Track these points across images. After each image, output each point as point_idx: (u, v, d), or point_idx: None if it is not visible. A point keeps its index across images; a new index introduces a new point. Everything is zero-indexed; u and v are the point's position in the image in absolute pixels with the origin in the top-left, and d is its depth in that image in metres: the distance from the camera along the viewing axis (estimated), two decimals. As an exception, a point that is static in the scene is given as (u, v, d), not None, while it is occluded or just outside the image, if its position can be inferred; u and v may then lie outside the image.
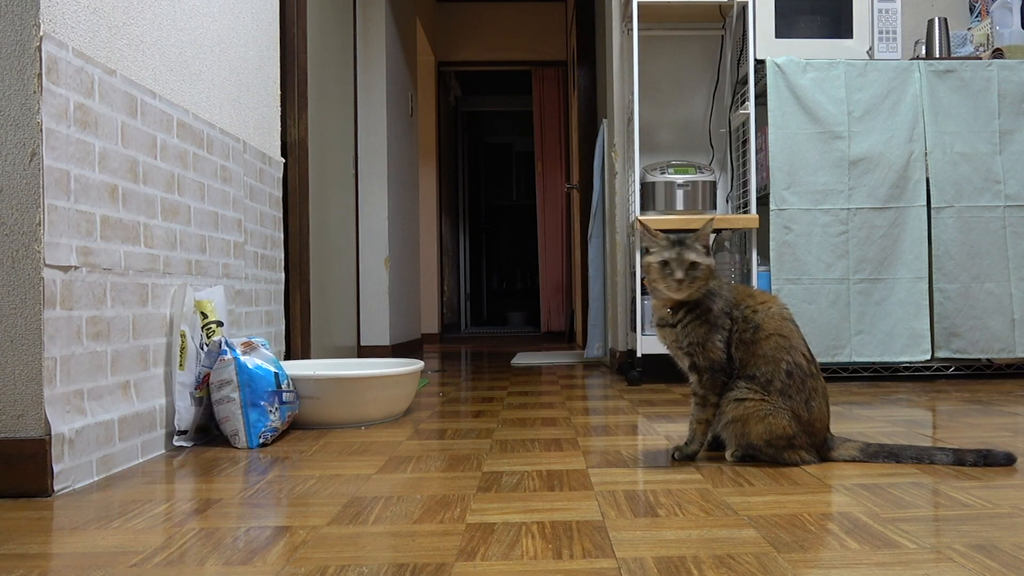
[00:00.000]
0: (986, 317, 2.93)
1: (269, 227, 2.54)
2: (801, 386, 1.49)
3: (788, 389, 1.48)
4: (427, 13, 6.11)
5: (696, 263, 1.49)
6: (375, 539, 1.08)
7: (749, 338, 1.51)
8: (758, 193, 3.09)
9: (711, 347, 1.51)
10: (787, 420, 1.47)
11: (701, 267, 1.49)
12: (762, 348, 1.50)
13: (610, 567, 0.95)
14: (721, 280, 1.56)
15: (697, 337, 1.52)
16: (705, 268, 1.50)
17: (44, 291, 1.36)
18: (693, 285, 1.50)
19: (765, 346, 1.50)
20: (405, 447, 1.76)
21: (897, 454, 1.50)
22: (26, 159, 1.35)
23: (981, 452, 1.46)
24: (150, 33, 1.76)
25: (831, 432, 1.54)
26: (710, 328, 1.51)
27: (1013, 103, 2.95)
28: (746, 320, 1.52)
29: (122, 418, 1.58)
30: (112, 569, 0.97)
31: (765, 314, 1.53)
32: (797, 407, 1.48)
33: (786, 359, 1.49)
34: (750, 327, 1.52)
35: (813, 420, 1.50)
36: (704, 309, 1.52)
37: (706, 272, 1.50)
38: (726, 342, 1.52)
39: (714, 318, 1.52)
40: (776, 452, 1.50)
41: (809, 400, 1.49)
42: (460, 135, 8.24)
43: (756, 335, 1.51)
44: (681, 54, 3.45)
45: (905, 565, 0.94)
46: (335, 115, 3.64)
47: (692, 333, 1.52)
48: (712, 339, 1.51)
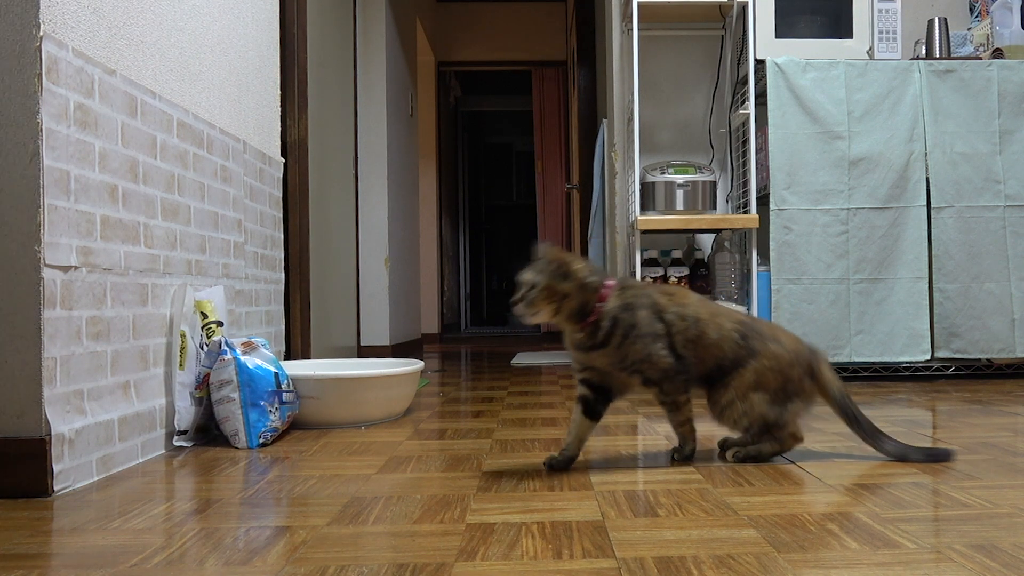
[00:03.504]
0: (986, 317, 2.92)
1: (269, 227, 2.54)
2: (759, 335, 1.50)
3: (752, 344, 1.49)
4: (427, 13, 6.11)
5: (533, 284, 1.43)
6: (375, 539, 1.08)
7: (695, 335, 1.48)
8: (758, 193, 3.09)
9: (657, 357, 1.46)
10: (772, 368, 1.48)
11: (537, 287, 1.43)
12: (709, 338, 1.49)
13: (610, 567, 0.95)
14: (634, 289, 1.50)
15: (639, 354, 1.46)
16: (543, 290, 1.43)
17: (44, 291, 1.36)
18: (533, 308, 1.44)
19: (711, 334, 1.49)
20: (405, 447, 1.76)
21: (858, 420, 1.51)
22: (26, 159, 1.35)
23: (925, 450, 1.52)
24: (150, 33, 1.76)
25: (812, 351, 1.54)
26: (648, 340, 1.46)
27: (1013, 103, 2.95)
28: (683, 319, 1.49)
29: (122, 418, 1.58)
30: (112, 569, 0.97)
31: (694, 306, 1.51)
32: (771, 350, 1.49)
33: (730, 326, 1.50)
34: (690, 323, 1.49)
35: (790, 350, 1.50)
36: (628, 326, 1.46)
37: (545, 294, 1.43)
38: (669, 345, 1.48)
39: (644, 329, 1.46)
40: (781, 411, 1.49)
41: (775, 336, 1.51)
42: (460, 135, 8.23)
43: (700, 328, 1.49)
44: (681, 54, 3.45)
45: (905, 565, 0.94)
46: (335, 115, 3.64)
47: (631, 352, 1.46)
48: (654, 349, 1.46)
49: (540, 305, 1.44)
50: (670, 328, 1.48)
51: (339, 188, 3.71)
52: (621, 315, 1.46)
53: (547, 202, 7.34)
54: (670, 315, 1.48)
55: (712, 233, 3.31)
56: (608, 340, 1.46)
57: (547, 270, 1.44)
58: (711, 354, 1.49)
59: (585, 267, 1.46)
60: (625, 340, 1.46)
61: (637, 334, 1.46)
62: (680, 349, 1.48)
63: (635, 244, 3.05)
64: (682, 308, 1.49)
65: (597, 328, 1.46)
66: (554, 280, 1.44)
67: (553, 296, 1.44)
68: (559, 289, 1.44)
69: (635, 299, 1.48)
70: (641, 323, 1.46)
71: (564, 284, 1.44)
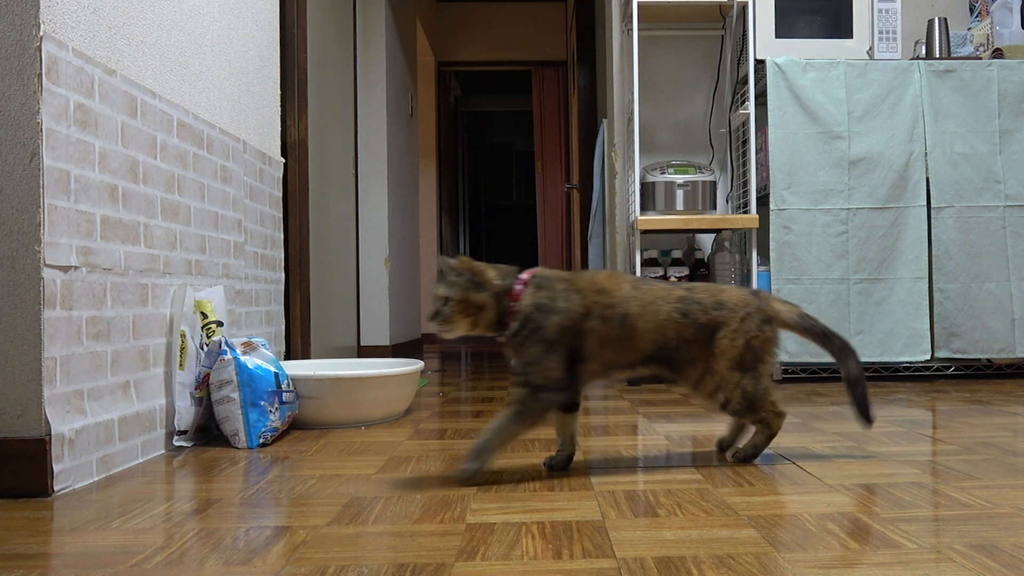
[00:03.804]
0: (986, 317, 2.92)
1: (269, 227, 2.54)
2: (701, 306, 1.45)
3: (698, 318, 1.44)
4: (427, 13, 6.11)
5: (447, 298, 1.39)
6: (375, 539, 1.08)
7: (618, 335, 1.42)
8: (758, 193, 3.09)
9: (548, 365, 1.39)
10: (730, 335, 1.44)
11: (452, 302, 1.39)
12: (640, 331, 1.43)
13: (610, 567, 0.95)
14: (550, 290, 1.42)
15: (531, 356, 1.39)
16: (457, 304, 1.39)
17: (44, 291, 1.36)
18: (449, 324, 1.40)
19: (643, 326, 1.43)
20: (405, 447, 1.76)
21: (828, 336, 1.50)
22: (26, 159, 1.35)
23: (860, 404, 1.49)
24: (150, 33, 1.76)
25: (755, 292, 1.52)
26: (546, 346, 1.39)
27: (1013, 103, 2.95)
28: (607, 320, 1.41)
29: (122, 418, 1.58)
30: (112, 569, 0.97)
31: (623, 303, 1.43)
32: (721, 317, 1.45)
33: (668, 308, 1.44)
34: (615, 323, 1.42)
35: (739, 305, 1.47)
36: (535, 327, 1.39)
37: (459, 308, 1.39)
38: (568, 357, 1.40)
39: (549, 335, 1.39)
40: (756, 380, 1.46)
41: (719, 300, 1.46)
42: (460, 135, 8.23)
43: (628, 324, 1.42)
44: (681, 54, 3.45)
45: (905, 565, 0.94)
46: (335, 115, 3.64)
47: (526, 352, 1.40)
48: (548, 357, 1.39)
49: (456, 320, 1.40)
50: (585, 335, 1.41)
51: (339, 188, 3.71)
52: (533, 315, 1.40)
53: (547, 202, 7.33)
54: (592, 321, 1.41)
55: (712, 233, 3.31)
56: (514, 339, 1.41)
57: (459, 282, 1.39)
58: (648, 342, 1.44)
59: (497, 273, 1.42)
60: (527, 339, 1.40)
61: (539, 337, 1.39)
62: (594, 352, 1.41)
63: (635, 244, 3.05)
64: (610, 308, 1.42)
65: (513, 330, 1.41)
66: (468, 292, 1.39)
67: (468, 309, 1.40)
68: (474, 301, 1.39)
69: (550, 301, 1.40)
70: (547, 327, 1.39)
71: (478, 295, 1.40)
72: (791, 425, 1.97)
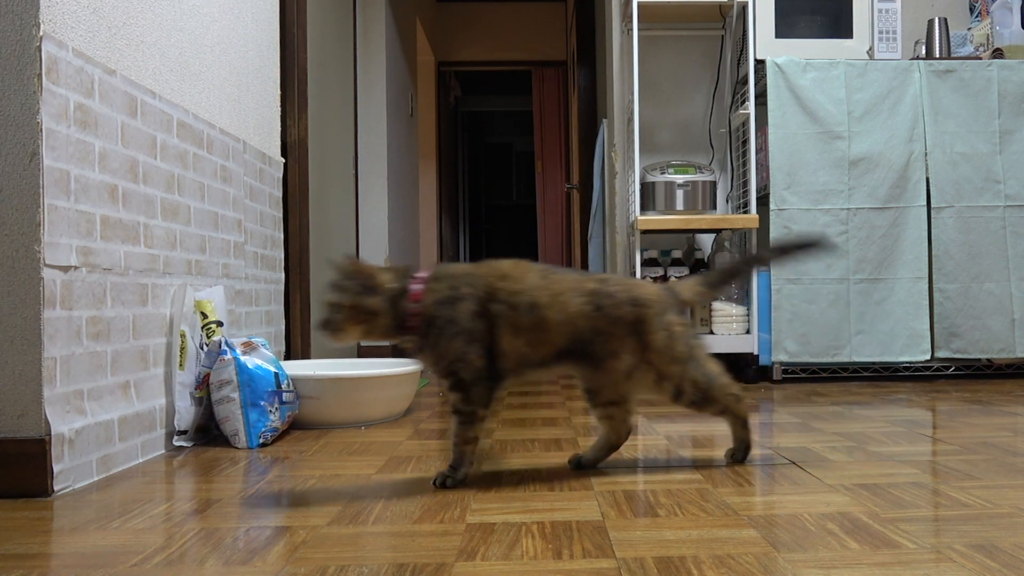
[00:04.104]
0: (986, 317, 2.93)
1: (269, 227, 2.54)
2: (612, 299, 1.38)
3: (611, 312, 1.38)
4: (427, 13, 6.11)
5: (338, 305, 1.31)
6: (375, 539, 1.08)
7: (530, 323, 1.34)
8: (758, 193, 3.09)
9: (472, 357, 1.32)
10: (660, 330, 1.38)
11: (342, 309, 1.31)
12: (551, 321, 1.35)
13: (610, 567, 0.95)
14: (451, 279, 1.35)
15: (455, 352, 1.32)
16: (348, 310, 1.30)
17: (44, 291, 1.36)
18: (340, 333, 1.32)
19: (553, 316, 1.35)
20: (405, 447, 1.76)
21: (738, 269, 1.51)
22: (26, 159, 1.35)
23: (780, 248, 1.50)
24: (150, 33, 1.76)
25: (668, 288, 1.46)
26: (466, 339, 1.32)
27: (1013, 103, 2.95)
28: (515, 307, 1.34)
29: (122, 418, 1.58)
30: (112, 569, 0.97)
31: (531, 290, 1.35)
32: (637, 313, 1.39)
33: (578, 301, 1.36)
34: (522, 311, 1.34)
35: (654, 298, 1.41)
36: (446, 320, 1.32)
37: (350, 315, 1.31)
38: (489, 342, 1.34)
39: (461, 326, 1.32)
40: (700, 364, 1.41)
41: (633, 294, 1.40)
42: (460, 135, 8.23)
43: (537, 315, 1.34)
44: (681, 54, 3.45)
45: (905, 565, 0.94)
46: (335, 115, 3.64)
47: (447, 349, 1.32)
48: (470, 349, 1.32)
49: (347, 328, 1.32)
50: (495, 321, 1.33)
51: (339, 188, 3.71)
52: (437, 312, 1.32)
53: (547, 202, 7.33)
54: (498, 305, 1.34)
55: (712, 233, 3.31)
56: (426, 342, 1.34)
57: (350, 288, 1.31)
58: (560, 334, 1.36)
59: (391, 275, 1.34)
60: (441, 337, 1.32)
61: (455, 330, 1.32)
62: (509, 343, 1.34)
63: (635, 244, 3.05)
64: (515, 295, 1.34)
65: (418, 332, 1.34)
66: (359, 298, 1.31)
67: (360, 315, 1.31)
68: (366, 306, 1.31)
69: (453, 291, 1.33)
70: (459, 318, 1.32)
71: (371, 300, 1.31)
72: (791, 425, 1.97)
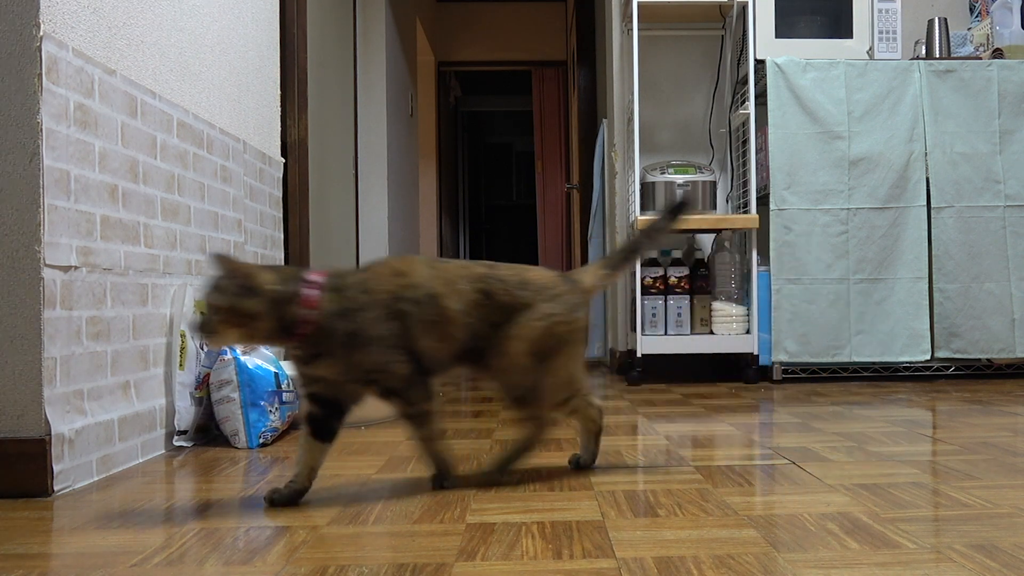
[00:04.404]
0: (986, 317, 2.93)
1: (269, 227, 2.54)
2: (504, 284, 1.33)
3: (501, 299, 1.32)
4: (427, 13, 6.11)
5: (215, 307, 1.21)
6: (375, 539, 1.08)
7: (435, 315, 1.29)
8: (758, 193, 3.09)
9: (395, 365, 1.27)
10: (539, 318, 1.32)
11: (219, 312, 1.21)
12: (453, 310, 1.30)
13: (610, 567, 0.95)
14: (352, 289, 1.27)
15: (371, 363, 1.26)
16: (224, 313, 1.20)
17: (44, 291, 1.36)
18: (217, 337, 1.22)
19: (454, 305, 1.30)
20: (405, 447, 1.76)
21: (635, 248, 1.46)
22: (26, 159, 1.35)
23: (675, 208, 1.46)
24: (150, 33, 1.76)
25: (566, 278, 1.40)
26: (382, 347, 1.25)
27: (1013, 103, 2.95)
28: (418, 302, 1.28)
29: (122, 418, 1.58)
30: (112, 569, 0.97)
31: (428, 283, 1.29)
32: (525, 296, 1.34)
33: (469, 288, 1.31)
34: (425, 304, 1.28)
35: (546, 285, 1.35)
36: (349, 333, 1.24)
37: (227, 318, 1.21)
38: (408, 340, 1.27)
39: (372, 332, 1.25)
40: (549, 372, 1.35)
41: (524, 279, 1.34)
42: (460, 135, 8.23)
43: (439, 305, 1.29)
44: (681, 54, 3.45)
45: (905, 565, 0.94)
46: (335, 115, 3.64)
47: (362, 362, 1.25)
48: (389, 357, 1.26)
49: (224, 332, 1.22)
50: (406, 320, 1.27)
51: (339, 188, 3.71)
52: (336, 324, 1.24)
53: (547, 202, 7.33)
54: (404, 304, 1.27)
55: (712, 233, 3.31)
56: (329, 351, 1.25)
57: (228, 289, 1.21)
58: (462, 328, 1.30)
59: (275, 276, 1.24)
60: (351, 349, 1.25)
61: (364, 340, 1.25)
62: (421, 341, 1.28)
63: (635, 244, 3.05)
64: (414, 290, 1.28)
65: (312, 339, 1.25)
66: (237, 300, 1.21)
67: (238, 319, 1.21)
68: (244, 309, 1.21)
69: (355, 300, 1.26)
70: (367, 327, 1.25)
71: (249, 303, 1.21)
72: (791, 425, 1.97)
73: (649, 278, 3.09)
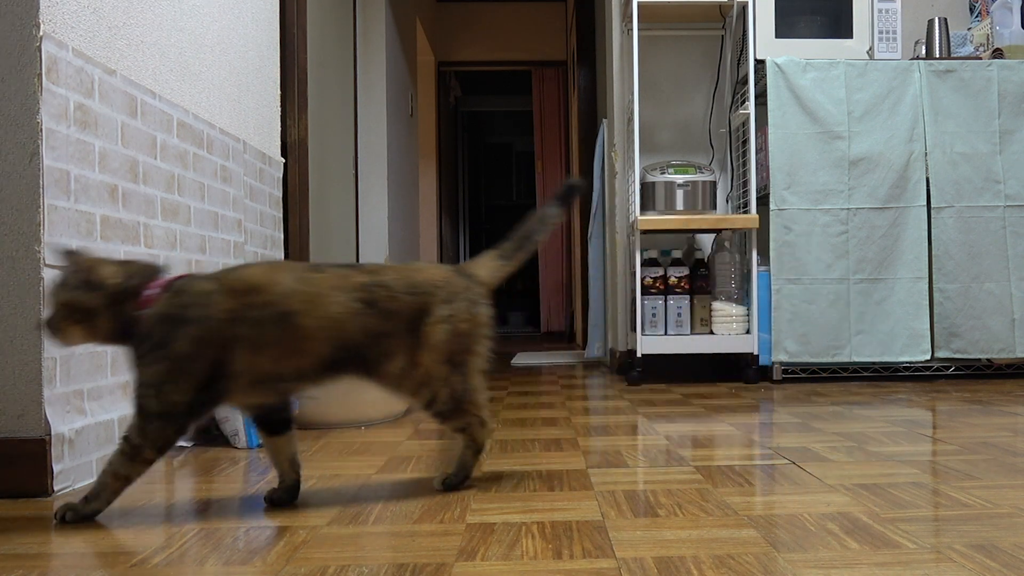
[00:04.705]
0: (986, 317, 2.93)
1: (269, 227, 2.54)
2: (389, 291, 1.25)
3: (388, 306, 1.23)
4: (427, 13, 6.11)
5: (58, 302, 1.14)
6: (375, 539, 1.08)
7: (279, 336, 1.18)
8: (758, 193, 3.09)
9: (170, 390, 1.14)
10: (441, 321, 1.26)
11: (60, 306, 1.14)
12: (308, 329, 1.19)
13: (610, 567, 0.95)
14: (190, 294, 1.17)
15: (150, 376, 1.14)
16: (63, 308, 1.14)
17: (44, 291, 1.36)
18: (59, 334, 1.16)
19: (311, 324, 1.19)
20: (405, 447, 1.76)
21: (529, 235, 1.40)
22: (26, 159, 1.35)
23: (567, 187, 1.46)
24: (150, 33, 1.76)
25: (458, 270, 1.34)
26: (172, 366, 1.14)
27: (1013, 103, 2.95)
28: (258, 323, 1.17)
29: (122, 418, 1.58)
30: (112, 569, 0.97)
31: (284, 300, 1.18)
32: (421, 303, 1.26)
33: (344, 299, 1.21)
34: (269, 323, 1.17)
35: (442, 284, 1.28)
36: (159, 342, 1.14)
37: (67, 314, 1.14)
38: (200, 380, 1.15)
39: (177, 351, 1.14)
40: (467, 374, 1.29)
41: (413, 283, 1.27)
42: (460, 135, 8.23)
43: (291, 323, 1.18)
44: (681, 54, 3.45)
45: (905, 565, 0.94)
46: (335, 115, 3.64)
47: (145, 371, 1.15)
48: (173, 380, 1.14)
49: (68, 329, 1.15)
50: (228, 344, 1.16)
51: (339, 188, 3.71)
52: (157, 327, 1.14)
53: (547, 202, 7.32)
54: (238, 327, 1.16)
55: (712, 233, 3.31)
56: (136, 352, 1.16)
57: (70, 283, 1.14)
58: (324, 343, 1.20)
59: (118, 271, 1.16)
60: (147, 356, 1.14)
61: (164, 355, 1.14)
62: (241, 363, 1.17)
63: (635, 244, 3.05)
64: (261, 309, 1.17)
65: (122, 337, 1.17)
66: (76, 294, 1.13)
67: (78, 315, 1.13)
68: (82, 304, 1.13)
69: (182, 310, 1.15)
70: (174, 343, 1.14)
71: (87, 297, 1.13)
72: (791, 425, 1.97)
73: (649, 278, 3.09)
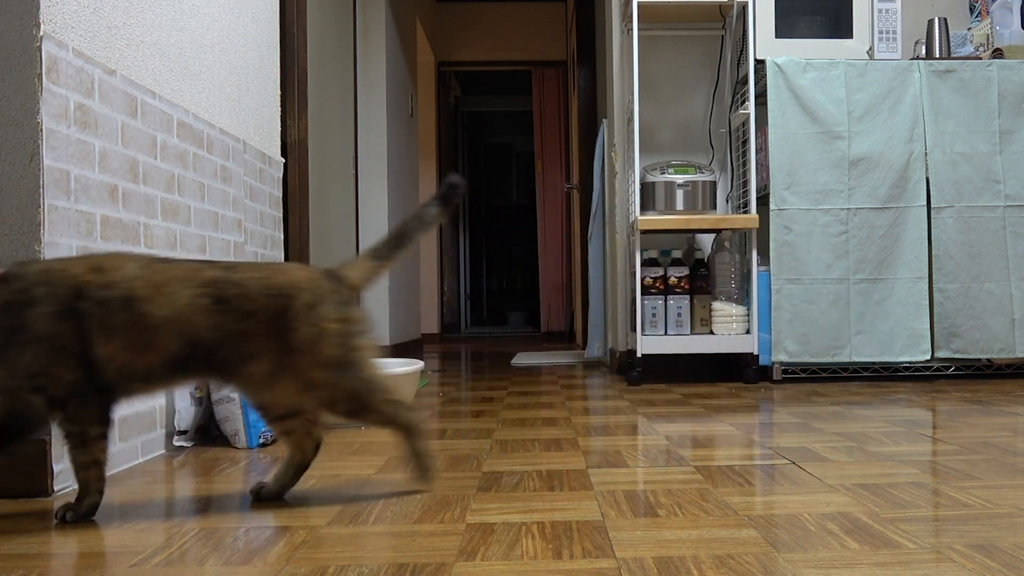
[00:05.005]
0: (986, 317, 2.93)
1: (269, 227, 2.54)
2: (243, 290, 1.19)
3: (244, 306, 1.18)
4: (427, 13, 6.11)
5: None
6: (375, 539, 1.08)
7: (125, 321, 1.13)
8: (758, 193, 3.09)
9: (59, 370, 1.10)
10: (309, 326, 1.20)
11: None
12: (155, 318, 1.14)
13: (610, 567, 0.95)
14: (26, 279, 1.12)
15: (32, 368, 1.10)
16: None
17: (44, 291, 1.36)
18: None
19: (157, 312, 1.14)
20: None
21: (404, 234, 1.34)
22: (26, 159, 1.35)
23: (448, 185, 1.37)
24: (150, 33, 1.76)
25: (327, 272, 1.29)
26: (44, 349, 1.10)
27: (1013, 103, 2.95)
28: (105, 303, 1.12)
29: (122, 418, 1.58)
30: (112, 569, 0.97)
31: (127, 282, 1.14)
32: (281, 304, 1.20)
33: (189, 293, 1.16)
34: (115, 307, 1.13)
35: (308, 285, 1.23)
36: (9, 330, 1.10)
37: None
38: (78, 354, 1.12)
39: (38, 331, 1.10)
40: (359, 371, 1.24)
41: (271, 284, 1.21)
42: (460, 135, 8.24)
43: (135, 310, 1.14)
44: (681, 54, 3.45)
45: (905, 565, 0.94)
46: (335, 115, 3.64)
47: (19, 367, 1.10)
48: (52, 361, 1.10)
49: None
50: (84, 321, 1.11)
51: (339, 188, 3.71)
52: (2, 318, 1.10)
53: (547, 202, 7.33)
54: (87, 303, 1.12)
55: (712, 233, 3.31)
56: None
57: None
58: (172, 338, 1.15)
59: None
60: (7, 350, 1.10)
61: (26, 339, 1.09)
62: (103, 348, 1.12)
63: (635, 244, 3.05)
64: (107, 289, 1.13)
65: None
66: None
67: None
68: None
69: (21, 294, 1.11)
70: (29, 325, 1.09)
71: None
72: (791, 425, 1.97)
73: (649, 278, 3.09)
